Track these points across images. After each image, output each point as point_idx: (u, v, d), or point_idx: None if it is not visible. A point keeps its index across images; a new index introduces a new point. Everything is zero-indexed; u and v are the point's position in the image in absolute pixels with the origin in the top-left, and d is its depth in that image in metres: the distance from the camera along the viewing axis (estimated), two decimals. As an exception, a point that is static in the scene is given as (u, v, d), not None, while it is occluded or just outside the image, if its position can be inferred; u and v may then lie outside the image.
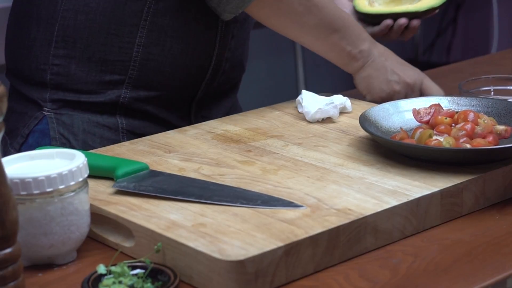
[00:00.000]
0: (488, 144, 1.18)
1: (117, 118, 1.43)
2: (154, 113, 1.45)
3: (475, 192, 1.12)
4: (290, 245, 0.96)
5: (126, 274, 0.94)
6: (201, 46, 1.45)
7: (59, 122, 1.42)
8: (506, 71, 1.71)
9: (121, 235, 1.05)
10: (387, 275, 0.98)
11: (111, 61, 1.41)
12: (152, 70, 1.43)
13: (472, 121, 1.23)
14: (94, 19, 1.39)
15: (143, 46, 1.41)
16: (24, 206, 0.98)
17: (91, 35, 1.40)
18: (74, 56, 1.41)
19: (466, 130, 1.20)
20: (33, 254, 1.01)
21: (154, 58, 1.42)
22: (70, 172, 1.00)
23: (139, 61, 1.41)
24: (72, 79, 1.41)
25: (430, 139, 1.19)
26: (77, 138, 1.42)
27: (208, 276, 0.94)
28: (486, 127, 1.22)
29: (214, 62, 1.47)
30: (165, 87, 1.45)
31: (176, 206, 1.07)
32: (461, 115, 1.25)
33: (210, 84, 1.49)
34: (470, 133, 1.20)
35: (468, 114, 1.24)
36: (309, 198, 1.07)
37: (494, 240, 1.05)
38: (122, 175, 1.13)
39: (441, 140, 1.18)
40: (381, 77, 1.47)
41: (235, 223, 1.01)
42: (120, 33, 1.40)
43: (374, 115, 1.27)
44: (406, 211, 1.06)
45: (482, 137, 1.20)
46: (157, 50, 1.41)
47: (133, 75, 1.42)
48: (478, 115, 1.25)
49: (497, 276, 0.97)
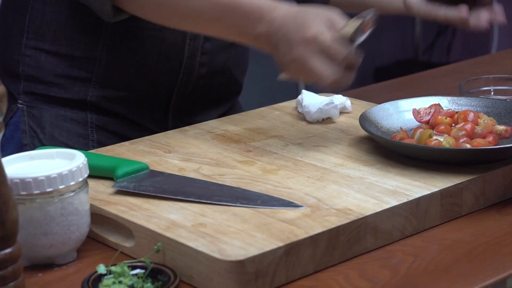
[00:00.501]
0: (488, 144, 1.18)
1: (87, 113, 1.41)
2: (124, 114, 1.43)
3: (475, 192, 1.12)
4: (290, 245, 0.96)
5: (126, 274, 0.94)
6: (169, 49, 1.40)
7: (30, 115, 1.41)
8: (506, 71, 1.71)
9: (121, 235, 1.05)
10: (387, 275, 0.98)
11: (78, 57, 1.39)
12: (118, 71, 1.40)
13: (472, 121, 1.23)
14: (61, 12, 1.38)
15: (108, 46, 1.38)
16: (24, 206, 0.98)
17: (58, 29, 1.38)
18: (43, 49, 1.39)
19: (466, 130, 1.20)
20: (33, 254, 1.01)
21: (119, 58, 1.39)
22: (70, 172, 1.00)
23: (105, 60, 1.39)
24: (42, 72, 1.40)
25: (430, 139, 1.19)
26: (45, 132, 1.40)
27: (208, 276, 0.94)
28: (486, 127, 1.22)
29: (185, 66, 1.42)
30: (133, 88, 1.42)
31: (176, 206, 1.07)
32: (461, 115, 1.25)
33: (184, 89, 1.44)
34: (470, 133, 1.20)
35: (468, 114, 1.24)
36: (309, 198, 1.07)
37: (494, 240, 1.05)
38: (122, 175, 1.13)
39: (441, 140, 1.18)
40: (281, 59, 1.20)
41: (235, 223, 1.01)
42: (86, 30, 1.37)
43: (374, 115, 1.27)
44: (406, 211, 1.06)
45: (482, 137, 1.20)
46: (122, 50, 1.39)
47: (99, 74, 1.40)
48: (478, 115, 1.25)
49: (497, 276, 0.97)
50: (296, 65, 1.18)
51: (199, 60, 1.43)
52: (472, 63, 1.99)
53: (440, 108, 1.29)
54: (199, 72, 1.44)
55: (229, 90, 1.53)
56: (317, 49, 1.16)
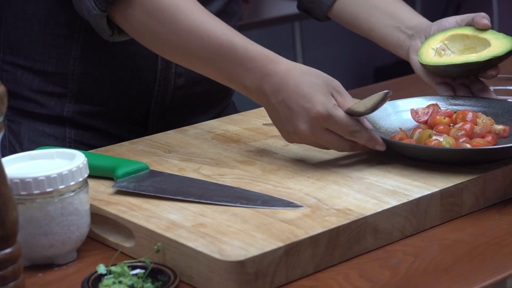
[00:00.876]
0: (487, 144, 1.18)
1: (65, 128, 1.40)
2: (103, 128, 1.40)
3: (475, 192, 1.12)
4: (290, 245, 0.96)
5: (126, 274, 0.94)
6: (141, 62, 1.37)
7: (10, 129, 1.40)
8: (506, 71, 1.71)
9: (121, 235, 1.05)
10: (387, 275, 0.98)
11: (51, 72, 1.37)
12: (92, 86, 1.38)
13: (471, 121, 1.23)
14: (32, 27, 1.36)
15: (80, 60, 1.36)
16: (24, 206, 0.98)
17: (31, 44, 1.36)
18: (19, 64, 1.38)
19: (465, 130, 1.20)
20: (33, 254, 1.01)
21: (92, 72, 1.37)
22: (70, 172, 1.00)
23: (77, 75, 1.37)
24: (19, 87, 1.39)
25: (430, 139, 1.19)
26: (22, 147, 1.38)
27: (208, 276, 0.94)
28: (485, 126, 1.22)
29: (159, 79, 1.39)
30: (108, 102, 1.39)
31: (176, 206, 1.07)
32: (459, 115, 1.25)
33: (162, 101, 1.41)
34: (470, 133, 1.20)
35: (467, 114, 1.24)
36: (309, 198, 1.07)
37: (494, 240, 1.05)
38: (122, 175, 1.13)
39: (441, 140, 1.18)
40: (278, 124, 1.17)
41: (235, 223, 1.01)
42: (57, 45, 1.35)
43: (372, 115, 1.27)
44: (406, 211, 1.06)
45: (481, 136, 1.20)
46: (94, 65, 1.36)
47: (73, 89, 1.38)
48: (477, 114, 1.25)
49: (497, 276, 0.97)
50: (300, 137, 1.15)
51: (174, 71, 1.39)
52: (472, 63, 1.98)
53: (438, 108, 1.29)
54: (176, 83, 1.41)
55: (216, 97, 1.50)
56: (327, 126, 1.13)
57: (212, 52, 1.16)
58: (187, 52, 1.19)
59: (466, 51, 1.35)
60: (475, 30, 1.35)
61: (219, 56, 1.15)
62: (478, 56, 1.31)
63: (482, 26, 1.34)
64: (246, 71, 1.14)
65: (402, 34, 1.41)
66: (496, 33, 1.34)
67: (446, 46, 1.35)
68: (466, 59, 1.31)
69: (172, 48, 1.20)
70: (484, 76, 1.33)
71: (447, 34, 1.36)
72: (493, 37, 1.33)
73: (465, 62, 1.31)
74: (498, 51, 1.30)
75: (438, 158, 1.15)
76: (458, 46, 1.35)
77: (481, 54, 1.31)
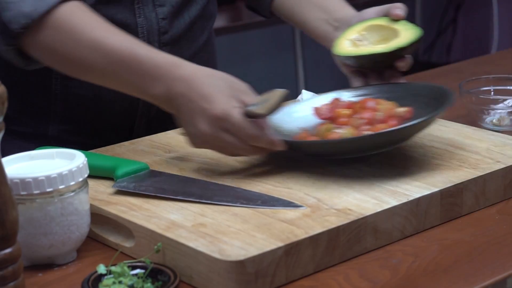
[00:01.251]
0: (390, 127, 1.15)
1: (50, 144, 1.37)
2: (88, 143, 1.37)
3: (475, 192, 1.12)
4: (290, 245, 0.96)
5: (126, 274, 0.94)
6: None
7: None
8: (506, 71, 1.71)
9: (121, 235, 1.05)
10: (387, 275, 0.98)
11: (34, 93, 1.36)
12: (75, 104, 1.37)
13: (371, 108, 1.20)
14: None
15: (61, 79, 1.35)
16: (24, 206, 0.98)
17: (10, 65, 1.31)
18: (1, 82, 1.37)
19: (366, 118, 1.18)
20: (33, 254, 1.01)
21: (74, 92, 1.36)
22: (70, 172, 1.00)
23: (60, 95, 1.36)
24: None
25: (329, 133, 1.17)
26: None
27: (208, 276, 0.94)
28: (386, 111, 1.19)
29: None
30: (94, 120, 1.38)
31: (176, 206, 1.07)
32: (359, 104, 1.22)
33: (148, 112, 1.40)
34: (371, 120, 1.18)
35: (366, 102, 1.22)
36: (309, 198, 1.07)
37: (494, 240, 1.05)
38: (122, 175, 1.13)
39: (343, 132, 1.16)
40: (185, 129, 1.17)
41: (235, 223, 1.01)
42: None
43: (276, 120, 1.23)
44: (406, 211, 1.06)
45: (384, 122, 1.18)
46: (75, 84, 1.34)
47: (57, 109, 1.37)
48: (378, 101, 1.22)
49: (497, 276, 0.97)
50: (201, 139, 1.14)
51: None
52: (472, 63, 1.99)
53: (339, 101, 1.25)
54: None
55: None
56: (225, 128, 1.12)
57: (117, 66, 1.17)
58: (94, 69, 1.19)
59: (382, 41, 1.32)
60: (390, 20, 1.33)
61: (124, 69, 1.16)
62: (385, 47, 1.28)
63: (394, 17, 1.32)
64: (153, 80, 1.15)
65: (329, 26, 1.41)
66: (408, 24, 1.32)
67: (364, 36, 1.33)
68: (373, 50, 1.29)
69: (79, 67, 1.21)
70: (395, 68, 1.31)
71: (364, 25, 1.34)
72: (403, 28, 1.31)
73: (372, 53, 1.29)
74: (403, 42, 1.28)
75: (340, 150, 1.13)
76: (375, 37, 1.33)
77: (388, 45, 1.29)
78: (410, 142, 1.25)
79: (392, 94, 1.27)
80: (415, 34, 1.29)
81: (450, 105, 1.16)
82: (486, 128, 1.40)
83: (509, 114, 1.45)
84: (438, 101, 1.20)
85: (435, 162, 1.17)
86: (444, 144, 1.24)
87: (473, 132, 1.29)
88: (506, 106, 1.47)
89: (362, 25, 1.34)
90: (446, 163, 1.17)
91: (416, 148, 1.23)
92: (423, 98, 1.24)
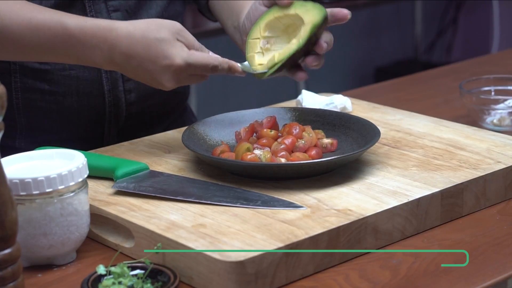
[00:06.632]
0: (306, 159, 1.15)
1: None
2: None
3: (475, 192, 1.12)
4: (290, 246, 0.96)
5: (125, 275, 0.94)
6: (86, 85, 1.33)
7: None
8: (507, 71, 1.71)
9: (121, 235, 1.05)
10: (388, 275, 0.97)
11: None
12: (40, 117, 1.35)
13: (295, 135, 1.19)
14: None
15: (21, 92, 1.33)
16: (23, 207, 0.98)
17: None
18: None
19: (285, 144, 1.17)
20: (32, 254, 1.00)
21: (36, 105, 1.34)
22: (70, 173, 0.99)
23: (22, 109, 1.34)
24: None
25: (247, 153, 1.15)
26: None
27: (208, 277, 0.94)
28: (309, 140, 1.19)
29: (108, 99, 1.35)
30: (61, 132, 1.36)
31: (176, 206, 1.06)
32: (286, 128, 1.21)
33: (116, 121, 1.38)
34: (290, 147, 1.17)
35: (293, 127, 1.20)
36: (309, 198, 1.07)
37: (495, 240, 1.05)
38: (122, 176, 1.13)
39: (259, 153, 1.15)
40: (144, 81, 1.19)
41: (235, 224, 1.01)
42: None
43: (203, 127, 1.23)
44: (407, 211, 1.06)
45: (304, 151, 1.17)
46: (37, 95, 1.33)
47: (21, 122, 1.35)
48: (304, 128, 1.21)
49: (498, 276, 0.97)
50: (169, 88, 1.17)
51: (123, 88, 1.36)
52: (473, 63, 1.99)
53: (273, 119, 1.24)
54: (127, 100, 1.37)
55: (173, 103, 1.47)
56: (189, 73, 1.16)
57: (53, 43, 1.16)
58: (31, 51, 1.19)
59: (289, 28, 1.24)
60: (284, 8, 1.23)
61: (61, 44, 1.16)
62: (298, 42, 1.18)
63: (285, 5, 1.22)
64: (91, 50, 1.16)
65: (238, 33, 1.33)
66: (304, 4, 1.22)
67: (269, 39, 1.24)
68: (288, 51, 1.19)
69: (15, 51, 1.20)
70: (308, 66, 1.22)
71: (261, 27, 1.24)
72: (303, 11, 1.21)
73: (290, 55, 1.19)
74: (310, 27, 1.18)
75: (251, 173, 1.13)
76: (280, 31, 1.24)
77: (299, 37, 1.19)
78: (410, 142, 1.25)
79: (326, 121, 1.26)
80: (319, 12, 1.19)
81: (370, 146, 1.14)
82: (487, 128, 1.40)
83: (509, 114, 1.45)
84: (364, 139, 1.19)
85: (435, 162, 1.17)
86: (444, 144, 1.24)
87: (474, 132, 1.29)
88: (506, 106, 1.47)
89: (259, 27, 1.24)
90: (446, 163, 1.17)
91: (417, 148, 1.23)
92: (353, 133, 1.23)
